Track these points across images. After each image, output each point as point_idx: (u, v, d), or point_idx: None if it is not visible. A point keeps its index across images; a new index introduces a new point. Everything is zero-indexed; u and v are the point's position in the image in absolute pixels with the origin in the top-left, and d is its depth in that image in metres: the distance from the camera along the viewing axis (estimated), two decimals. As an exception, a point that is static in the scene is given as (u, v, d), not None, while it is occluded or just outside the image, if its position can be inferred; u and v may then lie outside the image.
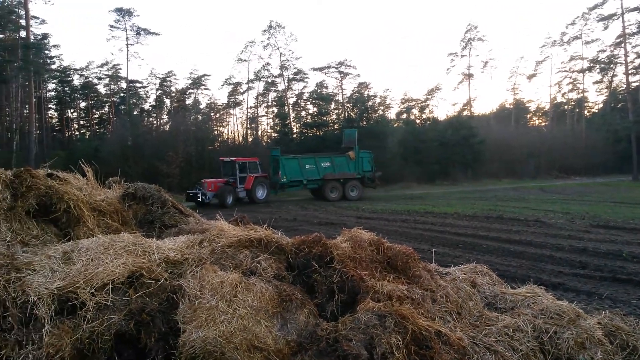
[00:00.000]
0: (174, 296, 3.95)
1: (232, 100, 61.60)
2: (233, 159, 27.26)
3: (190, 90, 60.17)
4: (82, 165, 6.67)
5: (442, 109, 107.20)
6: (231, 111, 63.66)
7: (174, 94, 59.40)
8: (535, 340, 4.36)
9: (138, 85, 57.32)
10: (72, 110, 58.24)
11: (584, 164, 52.55)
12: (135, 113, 52.52)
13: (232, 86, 60.26)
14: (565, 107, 69.13)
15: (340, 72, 55.97)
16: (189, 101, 59.23)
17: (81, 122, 59.49)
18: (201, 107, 59.56)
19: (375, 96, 55.01)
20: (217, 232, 4.79)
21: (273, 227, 5.14)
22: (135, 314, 3.78)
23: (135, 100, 56.41)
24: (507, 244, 11.91)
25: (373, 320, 3.74)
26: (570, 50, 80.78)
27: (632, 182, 41.17)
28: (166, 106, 59.13)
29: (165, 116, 57.88)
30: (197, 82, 59.45)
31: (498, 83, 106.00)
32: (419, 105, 63.13)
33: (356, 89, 55.84)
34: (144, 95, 58.77)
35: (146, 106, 58.15)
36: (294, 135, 49.85)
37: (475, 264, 6.01)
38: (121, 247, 4.41)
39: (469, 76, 61.26)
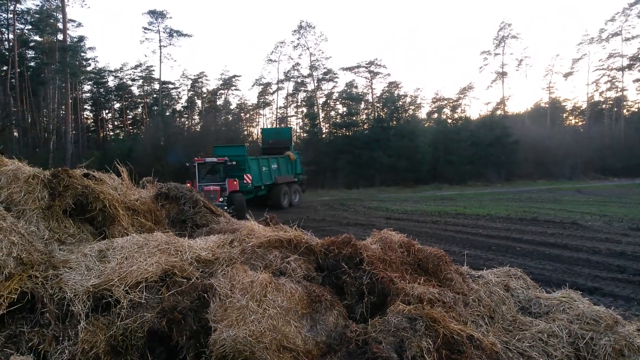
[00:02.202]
0: (205, 295, 4.00)
1: (261, 100, 62.16)
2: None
3: (221, 91, 61.04)
4: (117, 165, 6.84)
5: (475, 109, 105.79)
6: (261, 111, 64.26)
7: (205, 95, 60.37)
8: (571, 346, 4.24)
9: (170, 86, 58.47)
10: (106, 111, 59.85)
11: (623, 165, 50.76)
12: (167, 114, 53.55)
13: (262, 86, 60.82)
14: (603, 106, 66.93)
15: (370, 72, 55.75)
16: (219, 102, 60.12)
17: (115, 123, 61.08)
18: (231, 107, 60.36)
19: (405, 96, 54.70)
20: (247, 232, 4.84)
21: (302, 228, 5.14)
22: (168, 312, 3.85)
23: (167, 101, 57.55)
24: (541, 246, 11.62)
25: (403, 322, 3.70)
26: (609, 48, 78.27)
27: (674, 184, 39.55)
28: (197, 107, 60.12)
29: (196, 117, 58.84)
30: (228, 83, 60.23)
31: (533, 82, 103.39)
32: (451, 104, 62.32)
33: (386, 89, 55.59)
34: (176, 96, 59.94)
35: (178, 107, 59.28)
36: (324, 136, 49.90)
37: (508, 267, 5.88)
38: (154, 246, 4.49)
39: (503, 75, 60.13)
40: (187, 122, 58.52)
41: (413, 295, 4.22)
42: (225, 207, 16.73)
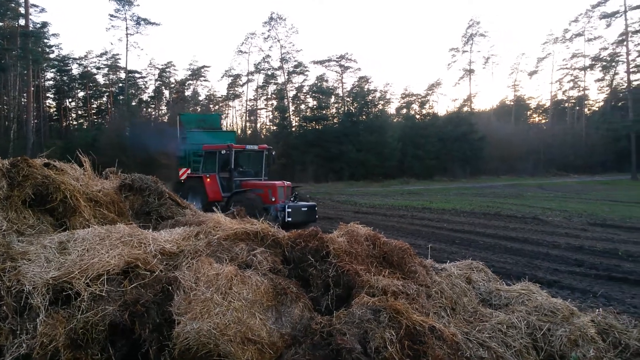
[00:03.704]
0: (169, 288, 3.95)
1: (231, 92, 61.55)
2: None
3: (190, 82, 60.18)
4: (80, 155, 6.66)
5: (443, 105, 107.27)
6: (230, 103, 63.64)
7: (173, 85, 59.37)
8: (529, 337, 4.38)
9: (137, 75, 57.23)
10: (70, 100, 58.10)
11: (583, 162, 52.61)
12: (133, 103, 52.41)
13: (232, 78, 60.23)
14: (566, 104, 69.09)
15: (340, 66, 55.93)
16: (188, 92, 59.19)
17: (79, 112, 59.38)
18: (200, 98, 59.53)
19: (375, 90, 55.03)
20: (214, 225, 4.80)
21: (269, 221, 5.14)
22: (130, 305, 3.79)
23: (134, 91, 56.29)
24: (503, 240, 11.95)
25: (367, 314, 3.74)
26: (573, 48, 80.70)
27: (631, 181, 41.25)
28: (165, 97, 59.09)
29: (164, 107, 57.82)
30: (197, 74, 59.38)
31: (499, 79, 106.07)
32: (419, 100, 63.09)
33: (356, 83, 55.81)
34: (143, 86, 58.72)
35: (145, 97, 58.10)
36: (293, 129, 49.79)
37: (471, 260, 6.03)
38: (117, 238, 4.41)
39: (470, 72, 61.30)
40: (154, 113, 57.44)
41: (378, 287, 4.27)
42: (289, 219, 12.88)
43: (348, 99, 53.33)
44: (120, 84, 55.94)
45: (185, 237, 4.77)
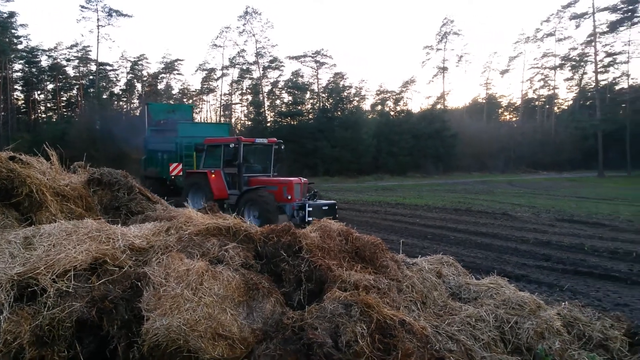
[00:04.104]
0: (139, 284, 3.90)
1: (205, 86, 60.82)
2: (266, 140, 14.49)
3: (163, 75, 59.21)
4: (47, 148, 6.49)
5: (417, 102, 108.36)
6: (204, 97, 62.87)
7: (145, 78, 58.28)
8: (497, 329, 4.47)
9: (108, 68, 55.96)
10: (39, 92, 56.42)
11: (552, 160, 53.89)
12: (104, 96, 51.25)
13: (206, 72, 59.48)
14: (536, 103, 70.61)
15: (316, 62, 55.73)
16: (161, 86, 58.24)
17: (48, 105, 57.71)
18: (173, 92, 58.62)
19: (350, 87, 55.10)
20: (185, 220, 4.75)
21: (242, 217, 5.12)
22: (98, 301, 3.72)
23: (105, 84, 55.03)
24: (474, 236, 12.16)
25: (339, 309, 3.76)
26: (543, 47, 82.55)
27: (597, 178, 42.42)
28: (137, 90, 57.98)
29: (136, 100, 56.74)
30: (170, 67, 58.48)
31: (472, 78, 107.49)
32: (394, 97, 63.57)
33: (332, 79, 55.79)
34: (115, 79, 57.44)
35: (116, 90, 56.86)
36: (268, 124, 49.55)
37: (442, 255, 6.12)
38: (84, 233, 4.32)
39: (444, 70, 61.97)
40: (125, 106, 56.34)
41: (349, 282, 4.30)
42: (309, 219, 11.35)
43: (323, 95, 53.31)
44: (91, 77, 54.62)
45: (155, 233, 4.70)
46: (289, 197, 12.26)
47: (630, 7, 44.73)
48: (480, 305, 4.82)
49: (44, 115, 56.68)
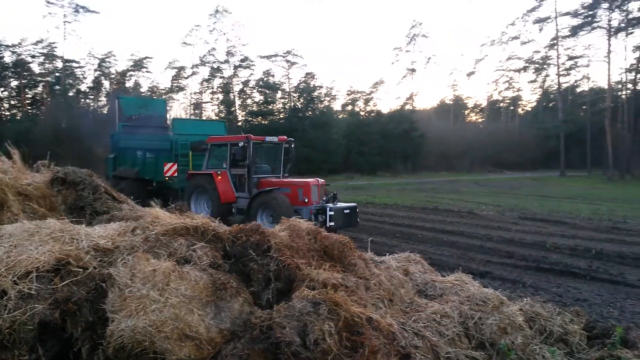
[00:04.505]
0: (103, 285, 3.83)
1: (175, 85, 59.84)
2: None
3: (131, 73, 57.88)
4: (8, 147, 6.30)
5: (386, 103, 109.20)
6: (174, 96, 61.78)
7: (113, 76, 56.89)
8: (461, 325, 4.58)
9: (75, 65, 54.25)
10: (2, 90, 54.32)
11: (516, 160, 55.27)
12: (71, 94, 49.84)
13: (176, 70, 58.55)
14: (501, 104, 72.29)
15: (287, 61, 55.57)
16: (129, 84, 56.99)
17: (12, 102, 55.60)
18: (142, 90, 57.45)
19: (321, 87, 55.15)
20: (152, 220, 4.68)
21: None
22: (61, 303, 3.64)
23: (71, 81, 53.40)
24: (441, 234, 12.39)
25: (307, 307, 3.79)
26: (508, 50, 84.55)
27: (559, 178, 43.79)
28: (105, 88, 56.52)
29: (103, 98, 55.31)
30: (139, 65, 57.23)
31: (439, 79, 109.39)
32: (364, 97, 64.04)
33: (303, 79, 55.75)
34: (81, 76, 55.83)
35: (83, 87, 55.30)
36: (239, 124, 49.18)
37: (409, 252, 6.24)
38: (47, 234, 4.21)
39: (412, 71, 62.73)
40: (92, 104, 54.88)
41: (318, 280, 4.33)
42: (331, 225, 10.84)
43: (294, 95, 53.24)
44: (57, 74, 52.91)
45: (121, 233, 4.63)
46: (306, 200, 11.35)
47: (590, 13, 46.16)
48: (446, 302, 4.93)
49: (7, 113, 54.63)
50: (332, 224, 10.87)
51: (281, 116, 49.42)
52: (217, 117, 54.40)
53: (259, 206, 11.51)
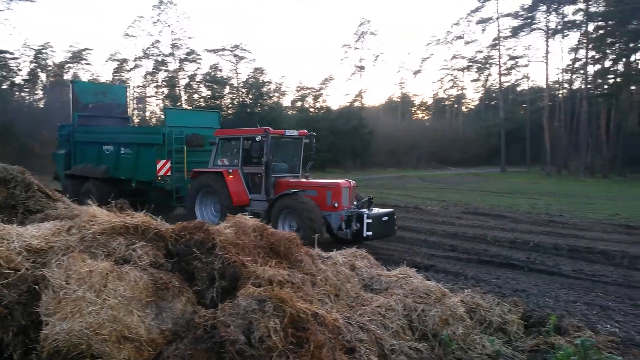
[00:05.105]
0: (37, 287, 3.65)
1: (117, 78, 57.67)
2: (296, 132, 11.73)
3: (70, 65, 55.32)
4: None
5: (335, 99, 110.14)
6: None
7: (50, 68, 54.16)
8: (405, 318, 4.69)
9: (8, 56, 51.16)
10: None
11: (460, 156, 57.13)
12: (4, 87, 47.03)
13: (118, 63, 56.50)
14: (446, 102, 74.48)
15: (235, 56, 54.80)
16: (67, 76, 54.43)
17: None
18: (82, 83, 55.00)
19: (270, 82, 54.80)
20: (89, 219, 4.49)
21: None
22: (-11, 307, 3.44)
23: (4, 73, 50.40)
24: (388, 229, 12.59)
25: (252, 305, 3.75)
26: (453, 50, 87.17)
27: (500, 174, 45.64)
28: (41, 81, 53.73)
29: (40, 91, 52.59)
30: (78, 56, 54.76)
31: (388, 77, 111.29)
32: (313, 94, 64.20)
33: (251, 74, 55.16)
34: (16, 68, 52.81)
35: (18, 80, 52.32)
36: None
37: (355, 248, 6.31)
38: (-27, 235, 3.96)
39: (361, 68, 63.47)
40: (28, 97, 52.03)
41: (264, 277, 4.30)
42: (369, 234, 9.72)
43: (243, 90, 52.61)
44: (-11, 65, 49.85)
45: (55, 232, 4.41)
46: (336, 205, 9.90)
47: (529, 15, 48.27)
48: (390, 295, 5.03)
49: None
50: (370, 233, 9.66)
51: (229, 112, 48.74)
52: (161, 112, 52.98)
53: (281, 211, 9.99)
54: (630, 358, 4.29)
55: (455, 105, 71.60)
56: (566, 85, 48.98)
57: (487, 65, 63.92)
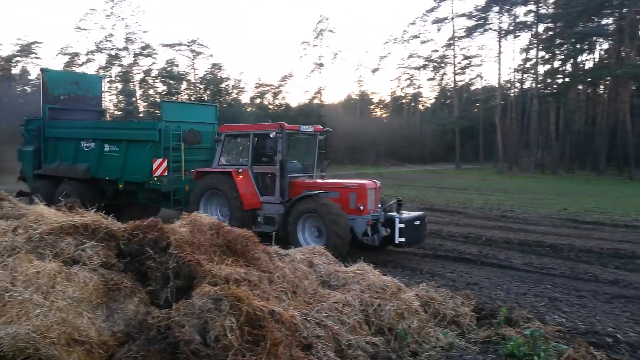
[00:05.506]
0: (-21, 290, 3.48)
1: (40, 77, 55.50)
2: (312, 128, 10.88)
3: (18, 59, 52.86)
4: None
5: (295, 96, 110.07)
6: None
7: (-4, 62, 51.58)
8: (362, 313, 4.76)
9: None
10: None
11: (417, 154, 58.24)
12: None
13: (69, 57, 54.48)
14: (403, 100, 75.65)
15: (192, 51, 53.89)
16: (15, 70, 51.99)
17: None
18: (30, 78, 52.69)
19: (228, 79, 54.18)
20: (36, 218, 4.32)
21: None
22: None
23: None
24: (346, 226, 12.67)
25: (208, 304, 3.71)
26: (410, 48, 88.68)
27: (455, 170, 46.84)
28: (-14, 75, 51.09)
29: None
30: (26, 50, 52.38)
31: (346, 74, 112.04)
32: (273, 90, 63.89)
33: (209, 70, 54.35)
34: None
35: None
36: (141, 115, 46.87)
37: (313, 245, 6.32)
38: None
39: (320, 66, 63.62)
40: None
41: (220, 276, 4.26)
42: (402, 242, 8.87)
43: (200, 86, 51.80)
44: None
45: (0, 233, 4.22)
46: (361, 208, 8.96)
47: (483, 15, 49.73)
48: (348, 291, 5.08)
49: None
50: (403, 239, 8.76)
51: (187, 108, 47.86)
52: (115, 108, 51.46)
53: (301, 215, 9.06)
54: (575, 346, 4.48)
55: (412, 104, 72.85)
56: (517, 85, 50.89)
57: (443, 65, 65.42)
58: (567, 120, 42.94)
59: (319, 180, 10.28)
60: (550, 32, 42.54)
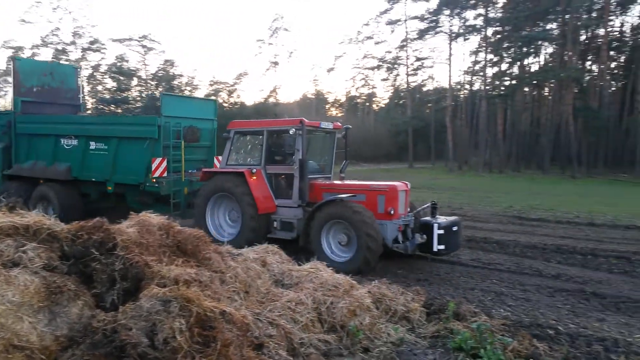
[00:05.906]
0: None
1: (10, 66, 52.97)
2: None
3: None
4: None
5: (250, 95, 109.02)
6: (9, 79, 54.67)
7: None
8: (315, 311, 4.79)
9: None
10: None
11: (372, 153, 58.98)
12: None
13: (13, 51, 51.90)
14: (358, 100, 76.49)
15: (143, 46, 52.49)
16: (-50, 64, 49.07)
17: None
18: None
19: (181, 75, 53.12)
20: (-29, 220, 4.10)
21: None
22: None
23: None
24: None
25: (157, 306, 3.63)
26: (364, 49, 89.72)
27: (408, 169, 47.73)
28: None
29: None
30: (-38, 42, 49.60)
31: (302, 73, 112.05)
32: (227, 88, 63.10)
33: (161, 66, 53.09)
34: None
35: None
36: (89, 112, 45.20)
37: (267, 244, 6.29)
38: None
39: (275, 64, 63.39)
40: None
41: (169, 277, 4.19)
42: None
43: (152, 83, 50.53)
44: None
45: None
46: (391, 212, 8.18)
47: (434, 18, 50.87)
48: (301, 290, 5.10)
49: None
50: (442, 247, 8.01)
51: (137, 105, 46.58)
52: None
53: (326, 222, 8.17)
54: (519, 339, 4.67)
55: (367, 104, 73.78)
56: (467, 86, 52.40)
57: (396, 66, 66.45)
58: (514, 121, 44.61)
59: (338, 182, 9.52)
60: (499, 36, 44.03)
